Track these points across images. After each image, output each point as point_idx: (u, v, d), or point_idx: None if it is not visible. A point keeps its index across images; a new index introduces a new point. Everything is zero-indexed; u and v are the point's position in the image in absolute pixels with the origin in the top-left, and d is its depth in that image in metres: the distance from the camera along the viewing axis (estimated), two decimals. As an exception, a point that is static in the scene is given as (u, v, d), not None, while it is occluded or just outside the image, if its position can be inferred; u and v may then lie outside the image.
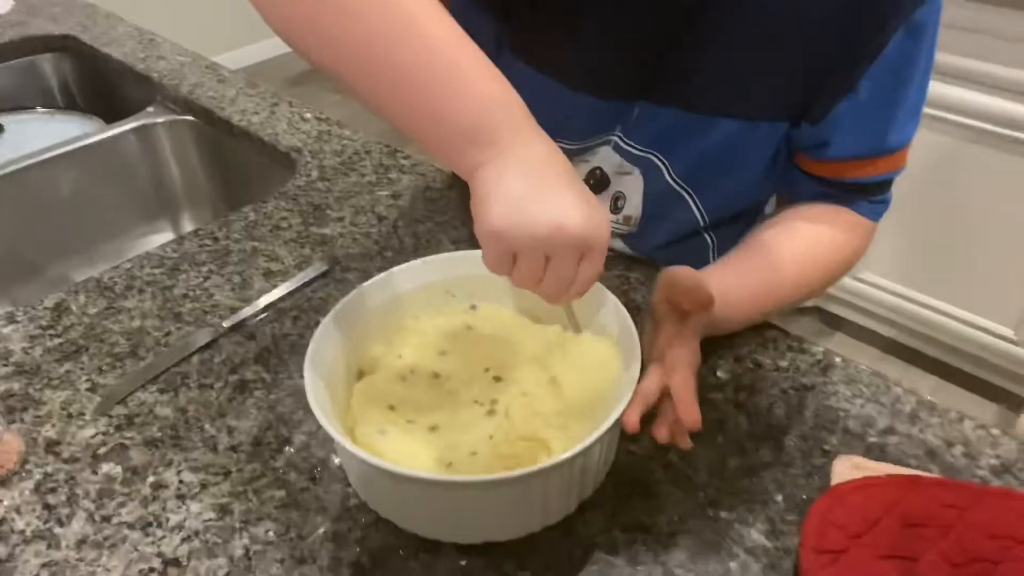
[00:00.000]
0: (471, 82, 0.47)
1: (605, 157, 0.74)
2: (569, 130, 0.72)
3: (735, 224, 0.79)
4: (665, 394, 0.55)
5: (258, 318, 0.74)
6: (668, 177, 0.72)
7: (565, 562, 0.52)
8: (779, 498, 0.56)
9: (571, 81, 0.68)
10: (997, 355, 1.80)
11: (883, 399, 0.64)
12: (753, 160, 0.71)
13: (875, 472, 0.56)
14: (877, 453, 0.59)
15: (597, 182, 0.76)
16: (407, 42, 0.47)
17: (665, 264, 0.75)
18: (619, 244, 0.81)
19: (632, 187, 0.75)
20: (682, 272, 0.59)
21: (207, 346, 0.71)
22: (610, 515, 0.55)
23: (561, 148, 0.71)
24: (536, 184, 0.47)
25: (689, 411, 0.53)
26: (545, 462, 0.47)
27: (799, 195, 0.74)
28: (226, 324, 0.72)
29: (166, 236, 1.20)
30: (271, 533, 0.55)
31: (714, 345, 0.67)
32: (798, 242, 0.70)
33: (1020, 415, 1.40)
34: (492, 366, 0.60)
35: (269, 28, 0.51)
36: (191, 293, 0.77)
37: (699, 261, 0.81)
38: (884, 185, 0.71)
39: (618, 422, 0.50)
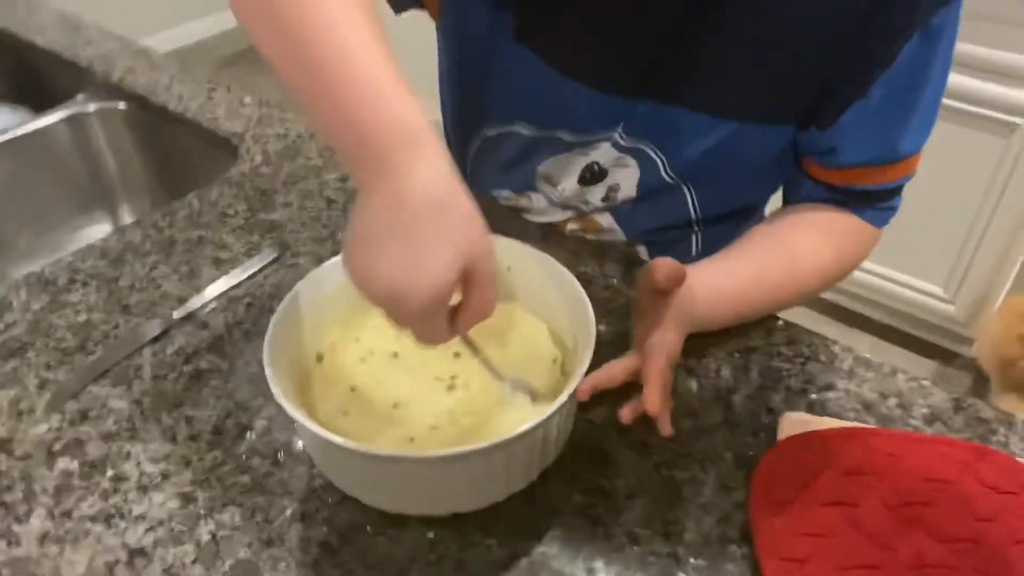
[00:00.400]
0: (371, 101, 0.45)
1: (604, 153, 0.74)
2: (570, 121, 0.72)
3: (727, 222, 0.79)
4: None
5: (209, 307, 0.73)
6: (664, 172, 0.72)
7: (529, 527, 0.54)
8: (728, 456, 0.59)
9: (574, 72, 0.67)
10: (929, 312, 1.89)
11: (822, 357, 0.67)
12: (754, 162, 0.71)
13: (818, 426, 0.60)
14: (819, 409, 0.62)
15: (593, 175, 0.75)
16: (323, 48, 0.46)
17: (648, 255, 0.77)
18: (608, 219, 0.80)
19: (627, 177, 0.74)
20: (661, 259, 0.60)
21: (158, 337, 0.70)
22: (570, 481, 0.57)
23: (560, 139, 0.73)
24: (376, 237, 0.45)
25: (650, 397, 0.55)
26: (507, 434, 0.49)
27: (798, 196, 0.73)
28: (177, 314, 0.72)
29: (105, 227, 1.17)
30: (237, 518, 0.55)
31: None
32: (795, 243, 0.69)
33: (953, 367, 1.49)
34: (451, 343, 0.61)
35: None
36: (138, 284, 0.76)
37: (682, 253, 0.83)
38: (893, 192, 0.70)
39: (575, 393, 0.52)
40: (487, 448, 0.48)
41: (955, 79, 1.55)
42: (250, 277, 0.76)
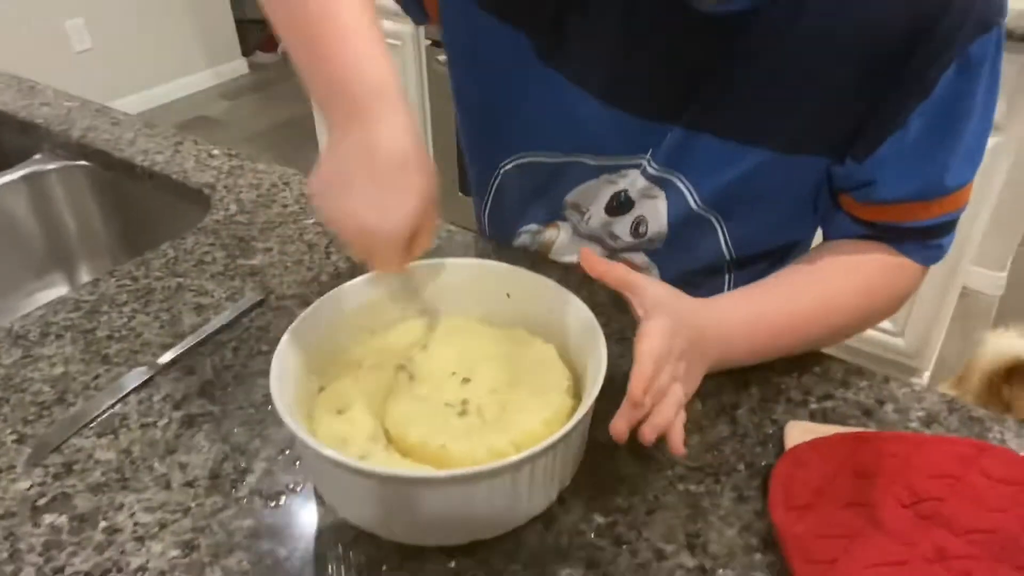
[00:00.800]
0: (353, 58, 0.57)
1: (633, 181, 0.72)
2: (597, 145, 0.71)
3: (761, 262, 0.76)
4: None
5: (195, 352, 0.71)
6: (693, 202, 0.71)
7: (553, 551, 0.53)
8: (741, 467, 0.59)
9: (603, 95, 0.68)
10: (879, 346, 1.95)
11: (816, 369, 0.68)
12: (787, 194, 0.69)
13: (823, 433, 0.60)
14: (820, 417, 0.64)
15: (620, 204, 0.74)
16: (322, 26, 0.58)
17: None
18: (642, 258, 0.78)
19: (655, 210, 0.73)
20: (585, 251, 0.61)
21: (143, 385, 0.67)
22: (587, 502, 0.56)
23: (586, 164, 0.73)
24: (342, 175, 0.56)
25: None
26: (530, 449, 0.48)
27: (837, 235, 0.70)
28: (161, 360, 0.69)
29: (60, 291, 1.13)
30: (244, 563, 0.52)
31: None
32: (827, 279, 0.67)
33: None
34: (458, 370, 0.60)
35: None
36: (116, 334, 0.73)
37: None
38: (938, 230, 0.66)
39: (589, 411, 0.52)
40: (510, 464, 0.47)
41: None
42: (236, 320, 0.74)
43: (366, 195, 0.54)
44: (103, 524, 0.55)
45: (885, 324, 1.91)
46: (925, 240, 0.67)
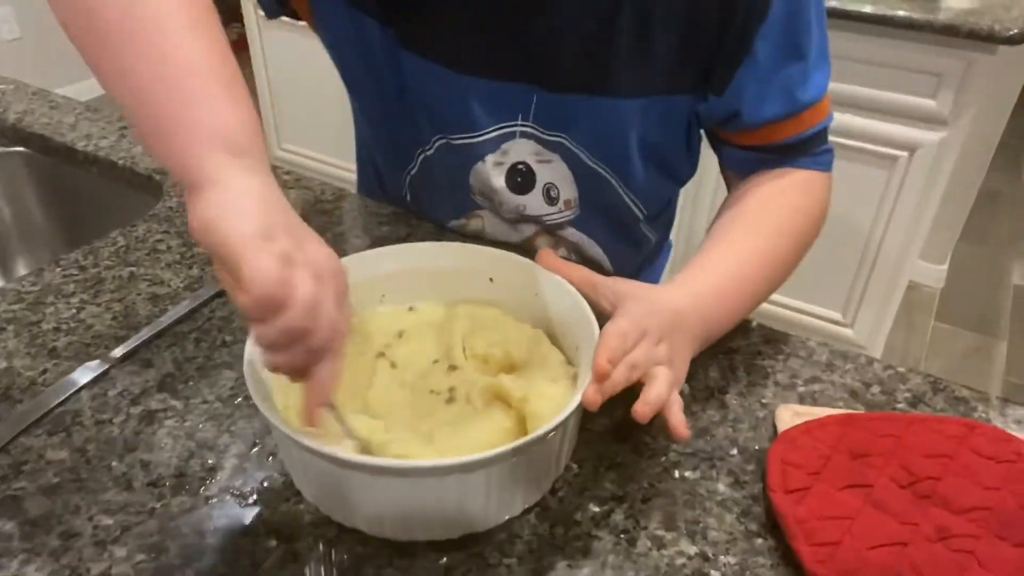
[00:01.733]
0: (231, 98, 0.46)
1: (520, 150, 0.73)
2: (469, 120, 0.71)
3: (669, 206, 0.80)
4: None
5: (153, 345, 0.66)
6: (585, 158, 0.72)
7: (549, 543, 0.51)
8: (734, 452, 0.58)
9: (461, 66, 0.68)
10: (830, 337, 1.99)
11: (801, 353, 0.68)
12: (663, 138, 0.72)
13: (814, 416, 0.59)
14: (809, 400, 0.63)
15: (524, 178, 0.74)
16: (159, 62, 0.45)
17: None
18: (571, 230, 0.79)
19: (558, 173, 0.74)
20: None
21: (97, 380, 0.62)
22: (581, 492, 0.54)
23: (466, 142, 0.73)
24: (288, 209, 0.45)
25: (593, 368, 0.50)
26: (529, 435, 0.45)
27: (740, 169, 0.74)
28: (115, 353, 0.64)
29: (-4, 285, 1.05)
30: (219, 565, 0.49)
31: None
32: (760, 222, 0.69)
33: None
34: (440, 357, 0.57)
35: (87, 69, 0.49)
36: (64, 327, 0.68)
37: (640, 256, 0.83)
38: (817, 139, 0.70)
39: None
40: (507, 451, 0.45)
41: (840, 117, 1.68)
42: (196, 310, 0.70)
43: (318, 241, 0.45)
44: (59, 529, 0.50)
45: (835, 315, 1.95)
46: (811, 151, 0.71)
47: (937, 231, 2.16)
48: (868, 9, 1.52)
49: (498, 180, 0.74)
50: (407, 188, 0.82)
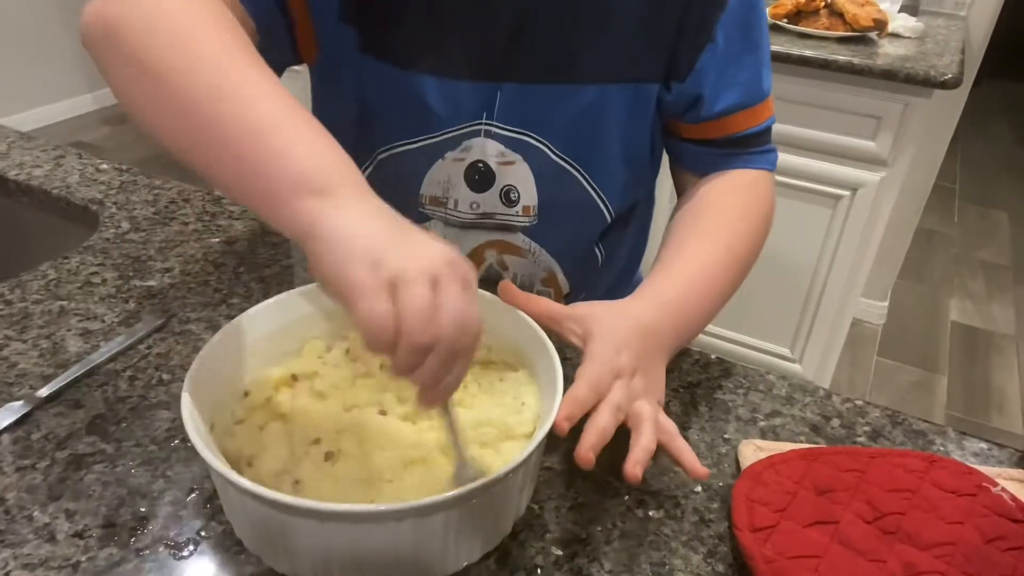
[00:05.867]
0: (301, 139, 0.46)
1: (482, 148, 0.72)
2: (430, 119, 0.71)
3: (630, 220, 0.80)
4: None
5: (83, 384, 0.62)
6: (553, 155, 0.72)
7: (509, 590, 0.48)
8: (699, 489, 0.56)
9: (423, 68, 0.68)
10: (778, 372, 2.00)
11: (761, 387, 0.67)
12: (630, 129, 0.72)
13: (777, 450, 0.58)
14: (771, 435, 0.62)
15: (482, 177, 0.73)
16: (235, 102, 0.46)
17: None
18: (522, 238, 0.77)
19: (520, 176, 0.73)
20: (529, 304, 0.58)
21: (19, 422, 0.57)
22: (543, 534, 0.52)
23: (428, 143, 0.72)
24: (392, 222, 0.43)
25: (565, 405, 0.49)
26: (493, 473, 0.43)
27: (694, 166, 0.76)
28: (41, 393, 0.60)
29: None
30: (150, 624, 0.44)
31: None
32: (716, 222, 0.70)
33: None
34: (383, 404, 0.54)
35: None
36: (-15, 365, 0.63)
37: (594, 275, 0.82)
38: (764, 136, 0.74)
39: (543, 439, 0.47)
40: (466, 493, 0.42)
41: (786, 157, 1.72)
42: (131, 347, 0.66)
43: (427, 242, 0.42)
44: (-32, 588, 0.46)
45: (784, 351, 1.98)
46: (761, 147, 0.75)
47: (877, 269, 2.21)
48: (810, 54, 1.57)
49: (457, 176, 0.74)
50: None
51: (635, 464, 0.48)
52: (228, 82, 0.47)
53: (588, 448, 0.48)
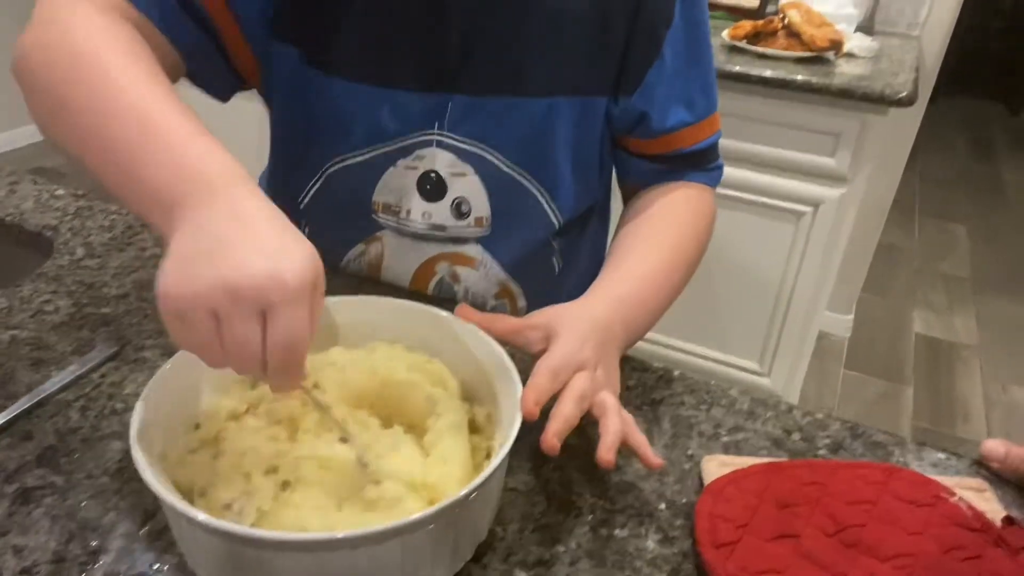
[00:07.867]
0: (168, 149, 0.47)
1: (434, 158, 0.72)
2: (381, 130, 0.71)
3: (575, 229, 0.80)
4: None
5: (33, 415, 0.60)
6: (504, 166, 0.72)
7: (472, 615, 0.47)
8: (662, 506, 0.56)
9: (374, 80, 0.68)
10: (747, 386, 2.02)
11: (723, 402, 0.67)
12: (581, 141, 0.73)
13: (739, 465, 0.59)
14: (733, 449, 0.62)
15: (434, 187, 0.74)
16: (116, 117, 0.49)
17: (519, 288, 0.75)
18: (477, 249, 0.77)
19: (470, 188, 0.73)
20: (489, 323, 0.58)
21: (-35, 456, 0.56)
22: (506, 558, 0.51)
23: (379, 152, 0.72)
24: (211, 243, 0.42)
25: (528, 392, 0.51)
26: (450, 497, 0.42)
27: (642, 180, 0.77)
28: (-11, 426, 0.58)
29: None
30: (99, 664, 0.43)
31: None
32: (664, 224, 0.73)
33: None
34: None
35: None
36: (-70, 397, 0.61)
37: (550, 281, 0.82)
38: (710, 152, 0.76)
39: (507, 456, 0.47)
40: (424, 518, 0.42)
41: (748, 175, 1.75)
42: (84, 376, 0.64)
43: (246, 246, 0.41)
44: (-94, 632, 0.44)
45: (753, 365, 1.99)
46: (706, 165, 0.77)
47: (842, 283, 2.25)
48: (769, 74, 1.60)
49: (410, 184, 0.74)
50: (305, 216, 0.79)
51: (608, 450, 0.51)
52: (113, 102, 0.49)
53: (553, 435, 0.50)
